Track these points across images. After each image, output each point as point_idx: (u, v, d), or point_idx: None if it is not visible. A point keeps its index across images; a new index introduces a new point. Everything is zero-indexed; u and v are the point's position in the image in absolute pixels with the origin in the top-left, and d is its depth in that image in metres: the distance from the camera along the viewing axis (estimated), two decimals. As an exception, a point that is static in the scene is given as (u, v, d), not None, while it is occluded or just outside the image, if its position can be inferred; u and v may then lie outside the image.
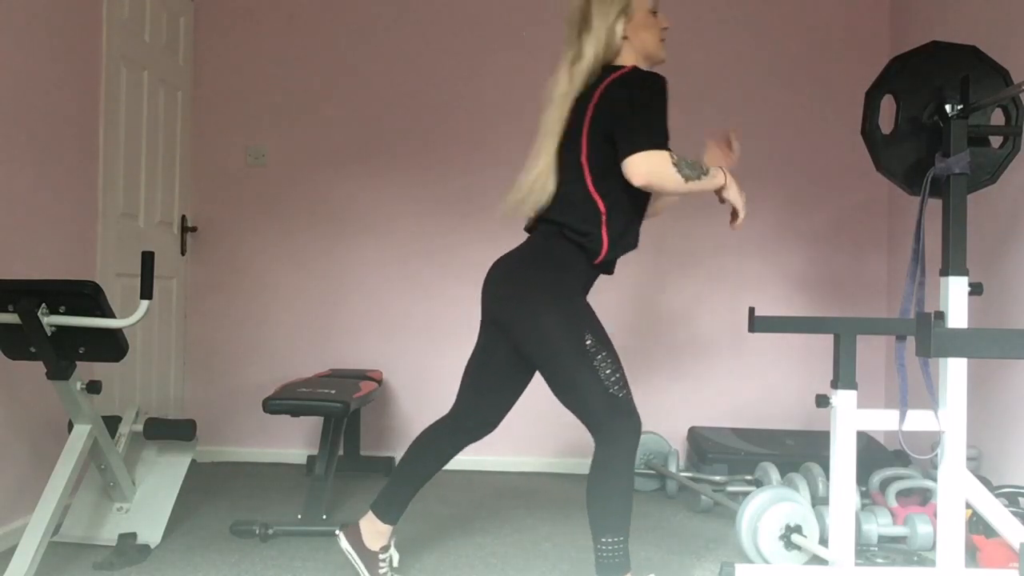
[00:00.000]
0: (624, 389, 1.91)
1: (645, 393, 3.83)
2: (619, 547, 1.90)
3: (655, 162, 1.84)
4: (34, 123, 2.69)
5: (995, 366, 2.98)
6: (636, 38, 2.05)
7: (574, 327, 1.92)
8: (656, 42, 2.08)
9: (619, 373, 1.92)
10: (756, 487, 3.05)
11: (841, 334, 2.18)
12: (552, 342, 1.91)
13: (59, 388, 2.27)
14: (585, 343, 1.90)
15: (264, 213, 3.91)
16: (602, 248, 1.96)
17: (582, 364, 1.89)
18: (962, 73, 2.27)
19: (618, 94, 1.93)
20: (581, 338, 1.90)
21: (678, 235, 3.87)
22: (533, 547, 2.66)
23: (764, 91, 3.88)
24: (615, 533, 1.90)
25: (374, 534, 2.15)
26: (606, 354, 1.91)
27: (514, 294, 1.97)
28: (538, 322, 1.92)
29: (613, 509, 1.90)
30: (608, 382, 1.89)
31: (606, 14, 2.01)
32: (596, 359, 1.90)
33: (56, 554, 2.46)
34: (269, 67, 3.92)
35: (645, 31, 2.06)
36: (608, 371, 1.90)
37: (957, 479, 2.18)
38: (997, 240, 3.01)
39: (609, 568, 1.91)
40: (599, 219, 1.95)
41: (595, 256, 1.97)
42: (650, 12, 2.07)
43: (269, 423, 3.83)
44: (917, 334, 1.15)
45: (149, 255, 2.23)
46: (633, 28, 2.04)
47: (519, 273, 1.99)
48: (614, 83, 1.95)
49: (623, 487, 1.90)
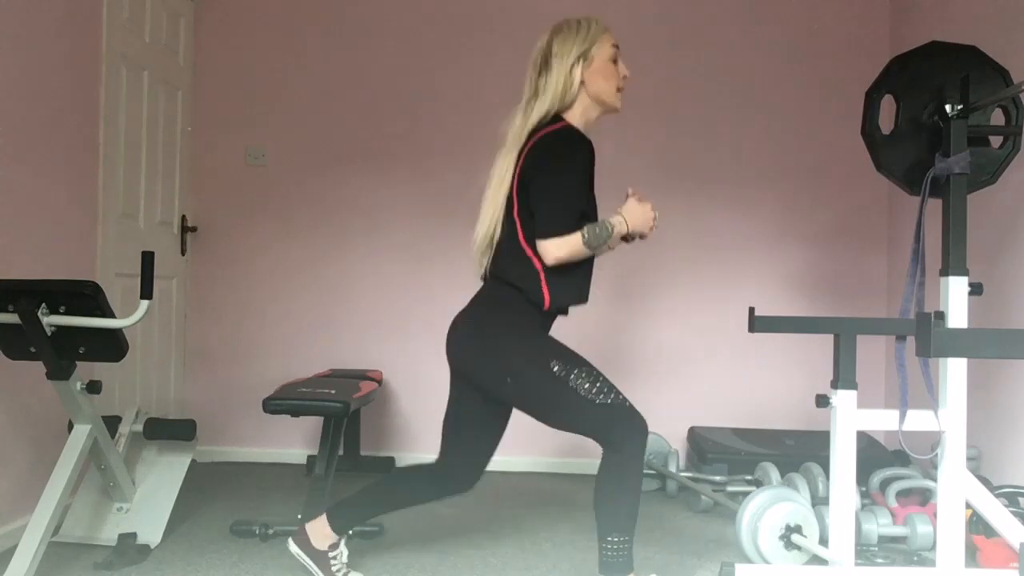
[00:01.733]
0: (611, 394, 1.92)
1: (645, 393, 3.83)
2: (624, 546, 1.91)
3: (566, 246, 1.91)
4: (34, 123, 2.68)
5: (995, 366, 2.97)
6: (593, 85, 2.05)
7: (537, 359, 1.94)
8: (612, 91, 2.08)
9: (599, 382, 1.93)
10: (756, 487, 3.05)
11: (841, 334, 2.18)
12: (522, 380, 1.95)
13: (59, 388, 2.27)
14: (553, 370, 1.92)
15: (264, 213, 3.91)
16: (543, 302, 1.98)
17: (559, 391, 1.91)
18: (962, 73, 2.27)
19: (540, 156, 1.96)
20: (548, 366, 1.93)
21: (677, 235, 3.86)
22: (533, 547, 2.66)
23: (764, 91, 3.88)
24: (621, 532, 1.91)
25: (322, 536, 2.16)
26: (578, 371, 1.93)
27: (474, 344, 2.00)
28: (504, 365, 1.96)
29: (621, 509, 1.91)
30: (591, 395, 1.91)
31: (565, 56, 2.03)
32: (570, 380, 1.92)
33: (56, 554, 2.46)
34: (269, 67, 3.92)
35: (603, 79, 2.06)
36: (587, 385, 1.92)
37: (957, 479, 2.18)
38: (997, 240, 3.01)
39: (613, 567, 1.91)
40: (537, 276, 1.98)
41: (541, 307, 1.99)
42: (610, 60, 2.07)
43: (269, 423, 3.83)
44: (917, 334, 1.15)
45: (149, 255, 2.23)
46: (591, 74, 2.05)
47: (475, 323, 2.02)
48: (540, 141, 1.97)
49: (631, 488, 1.91)
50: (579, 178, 1.95)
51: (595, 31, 2.06)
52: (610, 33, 2.09)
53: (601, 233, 1.94)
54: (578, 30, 2.05)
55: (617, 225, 1.99)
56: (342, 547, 2.19)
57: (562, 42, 2.04)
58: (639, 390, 3.84)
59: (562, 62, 2.02)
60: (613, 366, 3.84)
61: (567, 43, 2.03)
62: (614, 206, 2.07)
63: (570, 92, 2.03)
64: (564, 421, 1.95)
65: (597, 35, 2.06)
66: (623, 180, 3.88)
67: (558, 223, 1.91)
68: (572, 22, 2.08)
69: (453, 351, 2.05)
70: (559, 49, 2.03)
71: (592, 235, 1.92)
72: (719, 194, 3.87)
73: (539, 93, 2.04)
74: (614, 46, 2.09)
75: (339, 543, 2.18)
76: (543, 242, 1.92)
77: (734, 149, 3.88)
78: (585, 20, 2.08)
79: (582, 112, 2.07)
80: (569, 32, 2.05)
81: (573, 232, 1.91)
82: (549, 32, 2.08)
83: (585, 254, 1.94)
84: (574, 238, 1.91)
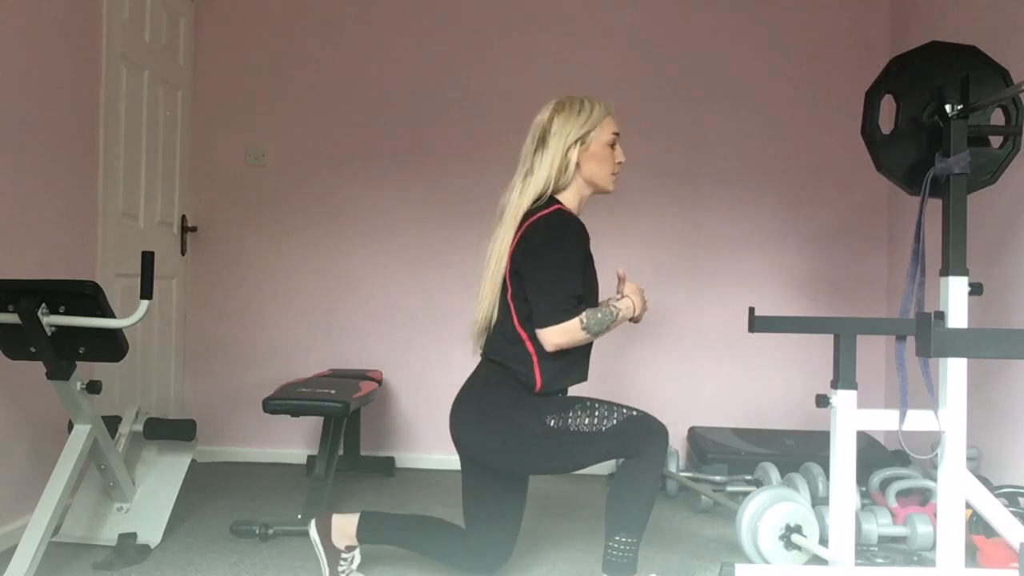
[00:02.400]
0: (614, 415, 1.93)
1: (645, 393, 3.83)
2: (631, 548, 1.92)
3: (565, 334, 1.93)
4: (34, 123, 2.68)
5: (995, 366, 2.97)
6: (587, 168, 2.06)
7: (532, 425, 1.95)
8: (606, 176, 2.10)
9: (597, 411, 1.93)
10: (756, 487, 3.05)
11: (841, 334, 2.17)
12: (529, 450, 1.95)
13: (59, 388, 2.27)
14: (550, 425, 1.94)
15: (264, 213, 3.91)
16: (535, 385, 1.99)
17: (564, 441, 1.92)
18: (962, 73, 2.27)
19: (533, 243, 1.96)
20: (545, 424, 1.94)
21: (678, 235, 3.87)
22: (533, 547, 2.66)
23: (764, 91, 3.88)
24: (630, 534, 1.91)
25: (343, 535, 2.17)
26: (572, 412, 1.94)
27: (475, 428, 2.02)
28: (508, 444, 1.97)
29: (632, 511, 1.91)
30: (595, 427, 1.91)
31: (564, 137, 2.03)
32: (569, 426, 1.93)
33: (56, 554, 2.46)
34: (269, 67, 3.92)
35: (598, 164, 2.07)
36: (587, 421, 1.92)
37: (957, 479, 2.18)
38: (997, 240, 3.01)
39: (617, 567, 1.92)
40: (529, 359, 1.99)
41: (532, 389, 2.00)
42: (608, 145, 2.08)
43: (269, 423, 3.82)
44: (917, 334, 1.15)
45: (149, 255, 2.23)
46: (587, 157, 2.06)
47: (475, 411, 2.03)
48: (531, 228, 1.98)
49: (646, 492, 1.91)
50: (572, 262, 1.96)
51: (596, 115, 2.06)
52: (612, 118, 2.10)
53: (604, 319, 1.95)
54: (580, 112, 2.05)
55: (624, 310, 2.01)
56: (356, 553, 2.19)
57: (562, 122, 2.04)
58: (639, 390, 3.84)
59: (559, 142, 2.03)
60: (613, 366, 3.84)
61: (567, 124, 2.04)
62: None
63: (565, 174, 2.04)
64: (584, 461, 1.96)
65: (598, 120, 2.06)
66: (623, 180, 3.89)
67: (555, 312, 1.92)
68: (575, 102, 2.07)
69: (458, 437, 2.07)
70: (558, 129, 2.04)
71: (594, 321, 1.94)
72: (719, 194, 3.87)
73: (535, 170, 2.05)
74: (614, 133, 2.09)
75: (356, 548, 2.18)
76: (542, 331, 1.93)
77: (734, 149, 3.88)
78: (589, 102, 2.07)
79: (576, 192, 2.08)
80: (571, 112, 2.05)
81: (571, 319, 1.92)
82: (551, 108, 2.08)
83: (586, 339, 1.95)
84: (572, 324, 1.92)
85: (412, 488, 3.42)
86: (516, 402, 2.00)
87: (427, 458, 3.80)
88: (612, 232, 3.85)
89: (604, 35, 3.90)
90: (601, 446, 1.92)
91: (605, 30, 3.90)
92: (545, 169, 2.03)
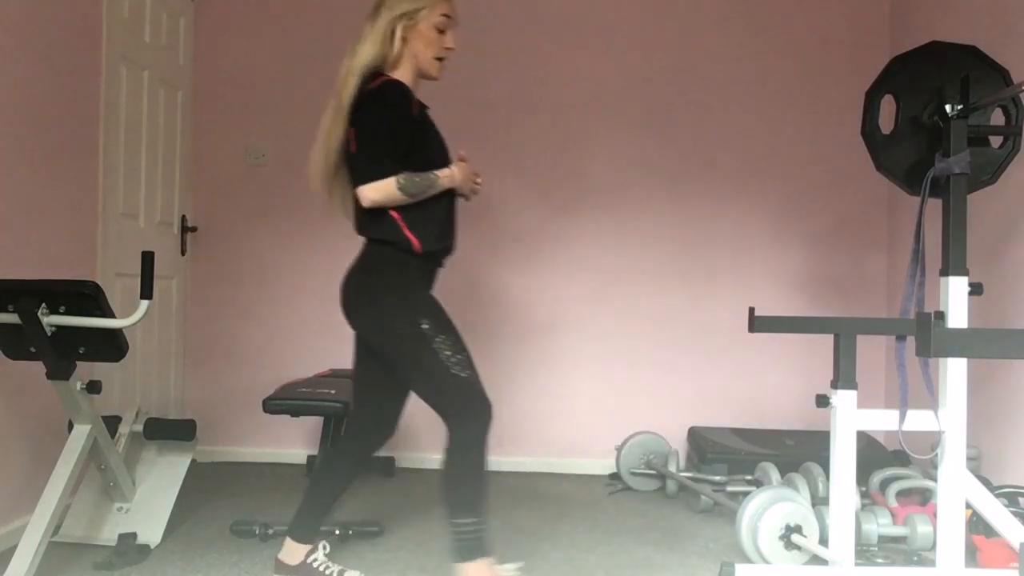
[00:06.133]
0: (467, 370, 1.96)
1: (645, 393, 3.83)
2: (474, 529, 1.93)
3: (379, 190, 1.94)
4: (34, 123, 2.68)
5: (995, 366, 2.98)
6: (413, 47, 2.08)
7: (409, 314, 1.97)
8: (430, 60, 2.10)
9: (461, 355, 1.97)
10: (756, 487, 3.05)
11: (841, 334, 2.18)
12: (391, 331, 1.98)
13: (59, 388, 2.27)
14: (421, 327, 1.96)
15: (264, 213, 3.91)
16: (413, 246, 2.01)
17: (421, 347, 1.94)
18: (962, 73, 2.27)
19: (361, 112, 1.99)
20: (417, 323, 1.96)
21: (678, 235, 3.87)
22: (533, 547, 2.66)
23: (764, 91, 3.88)
24: (468, 514, 1.93)
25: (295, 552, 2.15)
26: (445, 337, 1.96)
27: (357, 302, 2.04)
28: (377, 318, 2.00)
29: (465, 490, 1.93)
30: (449, 362, 1.94)
31: (392, 10, 2.04)
32: (435, 341, 1.95)
33: (56, 554, 2.46)
34: (269, 67, 3.92)
35: (424, 44, 2.08)
36: (448, 352, 1.95)
37: (957, 479, 2.18)
38: (997, 240, 3.01)
39: (463, 551, 1.93)
40: (397, 226, 2.01)
41: (414, 252, 2.01)
42: (437, 28, 2.08)
43: (269, 423, 3.83)
44: (917, 334, 1.15)
45: (149, 255, 2.23)
46: (414, 36, 2.07)
47: (356, 282, 2.06)
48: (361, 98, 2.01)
49: (474, 468, 1.93)
50: (389, 123, 1.97)
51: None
52: (447, 2, 2.09)
53: (421, 182, 1.97)
54: None
55: (443, 179, 2.02)
56: (318, 553, 2.18)
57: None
58: (639, 390, 3.84)
59: (388, 14, 2.04)
60: (613, 366, 3.84)
61: None
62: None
63: (391, 47, 2.05)
64: (418, 382, 1.98)
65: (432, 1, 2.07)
66: (624, 180, 3.90)
67: (369, 169, 1.95)
68: None
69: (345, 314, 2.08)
70: (390, 2, 2.05)
71: (410, 183, 1.95)
72: (719, 194, 3.87)
73: (363, 38, 2.06)
74: (445, 15, 2.09)
75: (314, 551, 2.17)
76: (359, 188, 1.96)
77: (734, 148, 3.88)
78: None
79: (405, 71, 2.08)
80: None
81: (386, 177, 1.94)
82: None
83: (402, 198, 1.96)
84: (387, 183, 1.94)
85: (412, 488, 3.42)
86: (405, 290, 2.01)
87: (427, 458, 3.80)
88: (612, 232, 3.85)
89: (604, 36, 3.89)
90: (439, 383, 1.94)
91: (605, 31, 3.90)
92: (370, 38, 2.04)
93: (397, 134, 1.98)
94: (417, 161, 2.00)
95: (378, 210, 2.00)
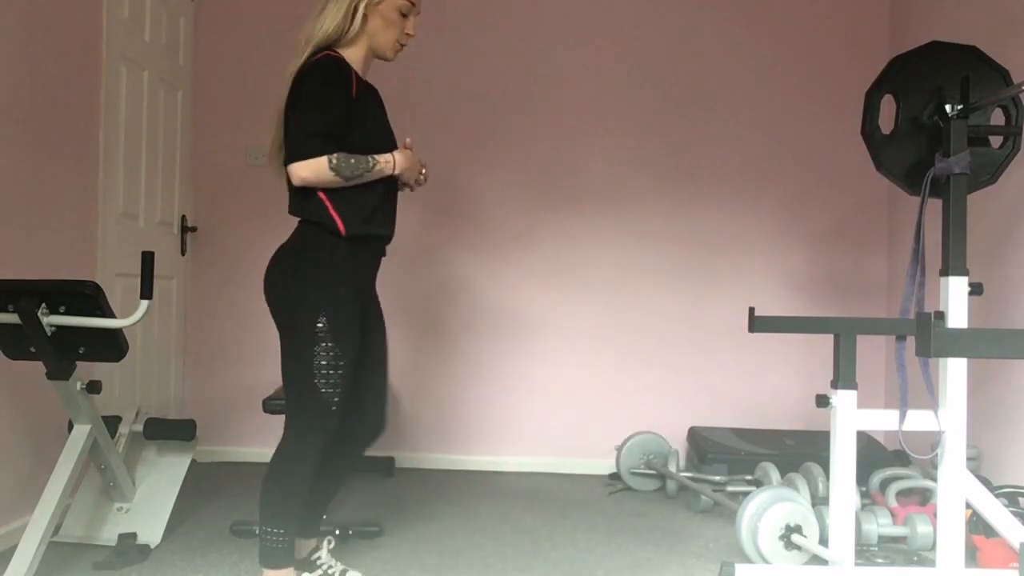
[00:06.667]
0: (331, 388, 1.89)
1: (645, 393, 3.83)
2: (278, 539, 1.90)
3: (311, 169, 1.86)
4: (34, 123, 2.68)
5: (995, 366, 2.98)
6: (372, 26, 2.03)
7: (310, 305, 1.90)
8: (389, 42, 2.06)
9: (337, 370, 1.89)
10: (756, 487, 3.05)
11: (841, 334, 2.18)
12: (288, 314, 1.92)
13: (59, 388, 2.27)
14: (316, 324, 1.89)
15: (264, 213, 3.91)
16: (339, 228, 1.94)
17: (304, 342, 1.89)
18: (962, 73, 2.27)
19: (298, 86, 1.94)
20: (314, 318, 1.89)
21: (678, 235, 3.87)
22: (533, 547, 2.66)
23: (764, 91, 3.88)
24: (274, 524, 1.90)
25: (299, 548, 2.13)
26: (332, 344, 1.89)
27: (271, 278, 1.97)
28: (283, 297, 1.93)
29: (276, 499, 1.90)
30: (318, 371, 1.88)
31: None
32: (319, 344, 1.88)
33: (56, 554, 2.46)
34: (269, 67, 3.92)
35: (384, 25, 2.04)
36: (324, 361, 1.88)
37: (957, 479, 2.18)
38: (997, 240, 3.01)
39: (267, 557, 1.91)
40: (323, 204, 1.94)
41: (339, 234, 1.94)
42: (399, 11, 2.05)
43: (269, 423, 3.83)
44: (917, 334, 1.15)
45: (149, 255, 2.23)
46: (374, 15, 2.02)
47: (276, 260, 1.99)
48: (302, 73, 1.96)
49: (291, 480, 1.89)
50: (325, 100, 1.90)
51: None
52: None
53: (357, 164, 1.90)
54: None
55: (382, 164, 1.96)
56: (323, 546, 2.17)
57: None
58: (639, 390, 3.84)
59: None
60: (613, 366, 3.84)
61: None
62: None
63: (352, 24, 2.00)
64: (284, 370, 1.93)
65: None
66: (623, 179, 3.90)
67: (301, 146, 1.87)
68: None
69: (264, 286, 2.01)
70: None
71: (344, 164, 1.88)
72: (719, 194, 3.87)
73: (324, 10, 2.02)
74: (410, 1, 2.05)
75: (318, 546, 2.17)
76: (290, 166, 1.89)
77: (734, 149, 3.88)
78: None
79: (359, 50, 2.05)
80: None
81: (318, 156, 1.87)
82: None
83: (335, 180, 1.89)
84: (319, 161, 1.86)
85: (412, 488, 3.42)
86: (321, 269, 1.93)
87: (427, 458, 3.80)
88: (612, 232, 3.85)
89: (604, 36, 3.90)
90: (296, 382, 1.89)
91: (605, 31, 3.90)
92: (332, 11, 2.00)
93: (332, 110, 1.90)
94: (354, 143, 1.94)
95: (308, 189, 1.94)
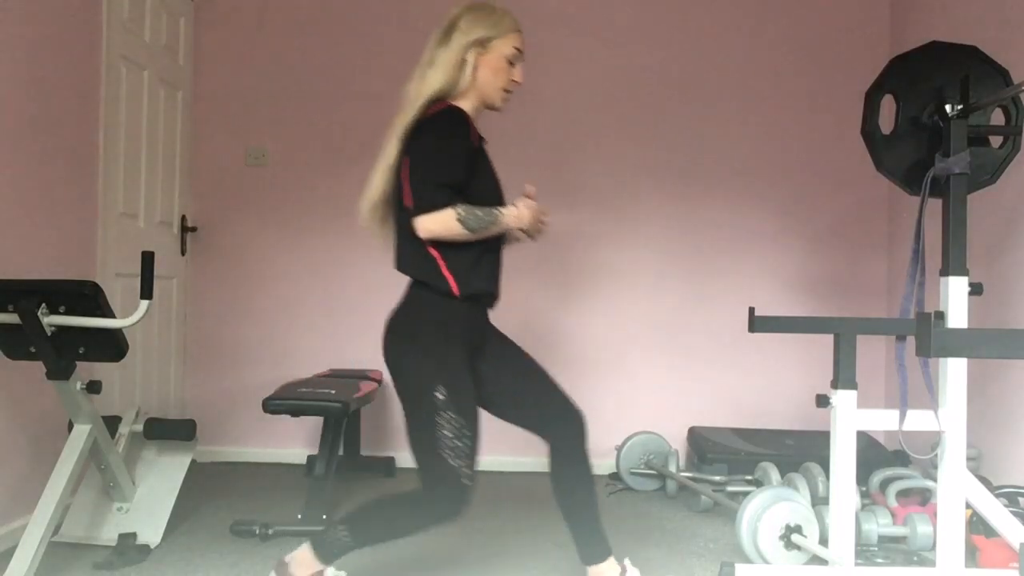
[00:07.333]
0: (459, 459, 1.84)
1: (645, 393, 3.83)
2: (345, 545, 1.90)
3: (439, 221, 1.84)
4: (34, 123, 2.68)
5: (995, 366, 2.97)
6: (481, 76, 2.02)
7: (429, 373, 1.87)
8: (497, 90, 2.05)
9: (461, 441, 1.85)
10: (756, 487, 3.05)
11: (841, 334, 2.18)
12: (407, 381, 1.90)
13: (59, 388, 2.27)
14: (435, 394, 1.85)
15: (264, 213, 3.91)
16: (451, 288, 1.91)
17: (426, 413, 1.85)
18: (962, 73, 2.27)
19: (419, 138, 1.92)
20: (433, 387, 1.85)
21: (678, 235, 3.87)
22: (533, 547, 2.66)
23: (764, 91, 3.88)
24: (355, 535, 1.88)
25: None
26: (454, 415, 1.85)
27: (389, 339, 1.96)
28: (401, 363, 1.91)
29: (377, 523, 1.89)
30: (443, 442, 1.84)
31: (466, 35, 1.99)
32: (440, 415, 1.84)
33: (56, 554, 2.46)
34: (269, 67, 3.92)
35: (492, 73, 2.02)
36: (448, 432, 1.84)
37: (957, 479, 2.18)
38: (997, 240, 3.01)
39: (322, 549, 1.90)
40: (435, 264, 1.92)
41: (451, 295, 1.92)
42: (507, 59, 2.03)
43: (269, 423, 3.82)
44: (917, 334, 1.15)
45: (149, 255, 2.23)
46: (483, 64, 2.01)
47: (393, 321, 1.98)
48: (420, 124, 1.94)
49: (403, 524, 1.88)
50: (451, 153, 1.89)
51: (505, 26, 2.02)
52: (519, 35, 2.05)
53: (484, 217, 1.88)
54: (488, 16, 2.02)
55: (508, 216, 1.94)
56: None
57: (469, 22, 2.00)
58: (639, 390, 3.84)
59: (461, 39, 1.99)
60: (613, 366, 3.84)
61: (473, 25, 2.00)
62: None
63: (463, 74, 1.99)
64: (410, 438, 1.91)
65: (504, 31, 2.02)
66: (623, 180, 3.90)
67: (429, 197, 1.85)
68: (488, 7, 2.03)
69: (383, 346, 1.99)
70: (464, 27, 2.00)
71: (471, 216, 1.86)
72: (719, 194, 3.87)
73: (435, 62, 2.01)
74: (517, 48, 2.05)
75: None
76: (417, 219, 1.86)
77: (734, 149, 3.88)
78: (501, 11, 2.04)
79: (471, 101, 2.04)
80: (479, 14, 2.02)
81: (445, 207, 1.85)
82: (464, 7, 2.04)
83: (462, 233, 1.86)
84: (447, 213, 1.84)
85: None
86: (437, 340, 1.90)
87: (427, 458, 3.80)
88: (613, 232, 3.85)
89: (605, 36, 3.89)
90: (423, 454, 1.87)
91: (606, 30, 3.89)
92: (443, 63, 2.00)
93: (458, 162, 1.89)
94: (472, 195, 1.92)
95: (417, 246, 1.92)
